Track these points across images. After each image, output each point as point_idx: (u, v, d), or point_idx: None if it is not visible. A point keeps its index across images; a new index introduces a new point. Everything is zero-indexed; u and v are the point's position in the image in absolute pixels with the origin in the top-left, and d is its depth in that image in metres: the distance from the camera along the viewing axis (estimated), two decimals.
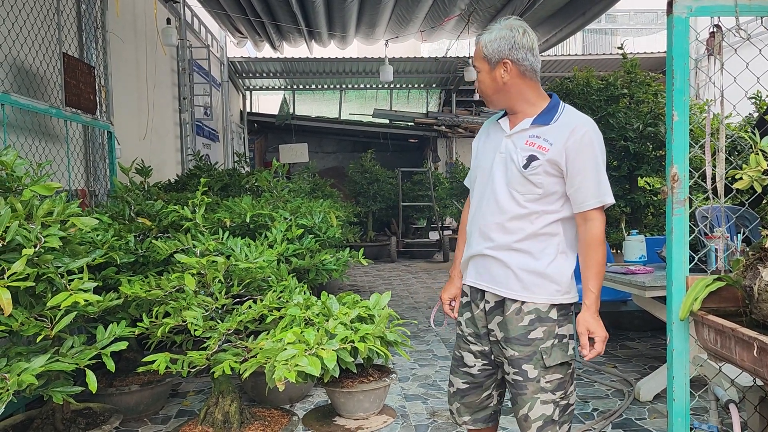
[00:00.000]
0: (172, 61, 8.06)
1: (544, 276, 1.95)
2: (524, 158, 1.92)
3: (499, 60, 1.93)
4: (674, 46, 2.11)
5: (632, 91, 5.56)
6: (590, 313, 1.92)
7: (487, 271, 2.00)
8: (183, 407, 3.73)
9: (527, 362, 1.94)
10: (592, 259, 1.94)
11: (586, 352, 1.90)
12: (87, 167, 5.05)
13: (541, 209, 1.95)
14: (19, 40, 4.09)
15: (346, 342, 1.98)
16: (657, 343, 4.88)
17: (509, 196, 1.96)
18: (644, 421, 3.28)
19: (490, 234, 1.99)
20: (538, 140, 1.93)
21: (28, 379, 2.00)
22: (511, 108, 2.01)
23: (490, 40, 1.93)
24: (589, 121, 1.97)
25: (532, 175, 1.91)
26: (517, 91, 1.97)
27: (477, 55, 1.98)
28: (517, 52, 1.93)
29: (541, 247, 1.96)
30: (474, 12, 8.78)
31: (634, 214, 5.69)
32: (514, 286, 1.95)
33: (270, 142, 15.49)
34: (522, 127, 1.97)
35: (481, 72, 1.98)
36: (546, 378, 1.95)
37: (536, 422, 1.95)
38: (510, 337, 1.95)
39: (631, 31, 15.97)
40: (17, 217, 2.12)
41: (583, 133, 1.91)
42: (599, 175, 1.92)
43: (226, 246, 3.01)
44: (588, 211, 1.92)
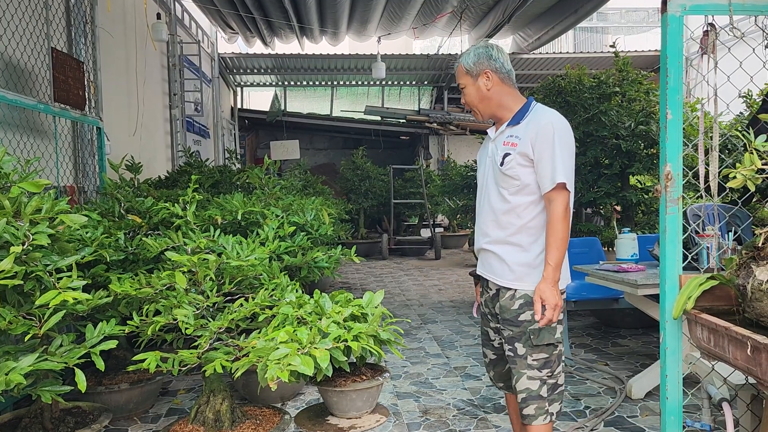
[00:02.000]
0: (162, 56, 7.99)
1: (534, 267, 2.18)
2: (501, 156, 2.17)
3: (481, 71, 2.20)
4: (668, 45, 2.10)
5: (624, 90, 5.57)
6: (546, 283, 2.07)
7: (487, 263, 2.28)
8: (173, 406, 3.70)
9: (518, 341, 2.18)
10: (551, 235, 2.10)
11: (537, 317, 2.07)
12: (76, 164, 4.99)
13: (524, 201, 2.16)
14: (6, 35, 4.03)
15: (339, 341, 1.97)
16: (648, 341, 4.90)
17: (497, 194, 2.21)
18: (636, 419, 3.29)
19: (487, 230, 2.25)
20: (512, 138, 2.18)
21: (16, 378, 1.97)
22: (495, 115, 2.27)
23: (470, 57, 2.22)
24: (553, 114, 2.19)
25: (508, 170, 2.14)
26: (498, 99, 2.23)
27: (460, 74, 2.25)
28: (495, 62, 2.21)
29: (531, 240, 2.18)
30: (466, 9, 8.77)
31: (625, 212, 5.71)
32: (508, 276, 2.20)
33: (261, 139, 15.43)
34: (501, 131, 2.24)
35: (467, 86, 2.24)
36: (533, 356, 2.17)
37: (521, 393, 2.19)
38: (505, 318, 2.21)
39: (622, 29, 16.02)
40: (5, 215, 2.09)
41: (545, 123, 2.13)
42: (555, 159, 2.10)
43: (217, 244, 2.98)
44: (548, 193, 2.11)
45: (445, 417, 3.40)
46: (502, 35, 10.60)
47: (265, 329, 2.24)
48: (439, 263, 10.48)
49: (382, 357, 2.13)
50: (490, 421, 3.32)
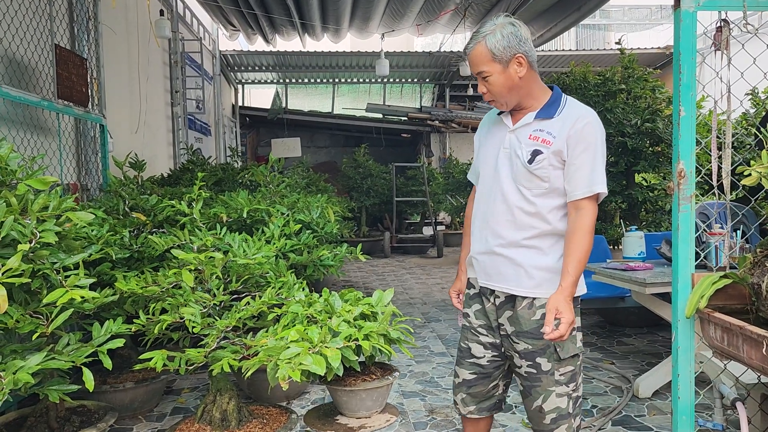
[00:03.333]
0: (164, 53, 7.96)
1: (555, 272, 1.96)
2: (528, 153, 1.93)
3: (512, 56, 1.91)
4: (681, 41, 2.08)
5: (630, 87, 5.55)
6: (564, 296, 1.87)
7: (496, 270, 2.01)
8: (178, 404, 3.68)
9: (540, 355, 1.97)
10: (577, 245, 1.91)
11: (548, 330, 1.83)
12: (79, 161, 4.97)
13: (550, 204, 1.95)
14: (10, 31, 4.01)
15: (350, 340, 1.95)
16: (654, 340, 4.88)
17: (517, 192, 1.96)
18: (644, 418, 3.28)
19: (500, 231, 1.99)
20: (542, 134, 1.93)
21: (24, 377, 1.95)
22: (521, 103, 1.99)
23: (497, 40, 1.89)
24: (591, 112, 1.97)
25: (537, 170, 1.91)
26: (528, 87, 1.96)
27: (483, 60, 1.92)
28: (526, 44, 1.93)
29: (550, 243, 1.98)
30: (469, 6, 8.74)
31: (630, 210, 5.69)
32: (526, 283, 1.97)
33: (262, 137, 15.40)
34: (525, 122, 1.97)
35: (492, 74, 1.92)
36: (560, 371, 1.98)
37: (550, 414, 1.99)
38: (522, 331, 1.98)
39: (624, 26, 15.98)
40: (12, 212, 2.07)
41: (585, 123, 1.91)
42: (595, 165, 1.92)
43: (223, 242, 2.97)
44: (579, 200, 1.92)
45: (452, 416, 3.38)
46: None
47: (274, 328, 2.22)
48: (441, 261, 10.47)
49: (393, 356, 2.10)
50: (496, 420, 3.31)
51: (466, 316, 2.15)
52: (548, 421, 2.00)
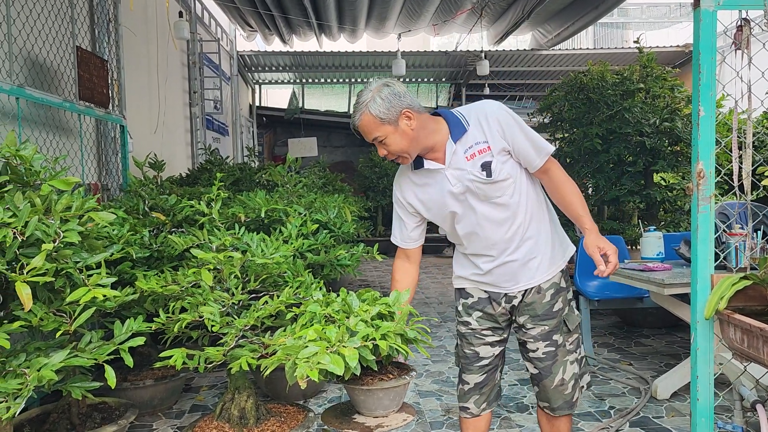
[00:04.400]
0: (182, 54, 8.04)
1: (554, 246, 2.14)
2: (480, 170, 1.98)
3: (398, 114, 1.95)
4: (701, 40, 2.06)
5: (648, 86, 5.50)
6: (595, 233, 2.02)
7: (509, 275, 2.11)
8: (196, 402, 3.73)
9: (556, 332, 2.13)
10: (570, 192, 2.07)
11: (603, 268, 1.95)
12: (99, 161, 5.04)
13: (522, 193, 2.05)
14: (33, 34, 4.08)
15: (367, 339, 1.96)
16: (672, 341, 4.84)
17: (496, 207, 2.04)
18: (662, 420, 3.25)
19: (503, 246, 2.08)
20: (474, 147, 2.00)
21: (48, 374, 1.99)
22: (426, 147, 2.03)
23: (379, 105, 1.94)
24: (486, 103, 2.07)
25: (499, 174, 1.99)
26: (424, 130, 2.00)
27: (373, 127, 1.96)
28: (406, 98, 1.98)
29: (537, 226, 2.10)
30: (486, 5, 8.72)
31: (649, 210, 5.64)
32: (536, 273, 2.11)
33: (279, 136, 15.47)
34: (451, 151, 2.01)
35: (387, 137, 1.97)
36: (569, 341, 2.16)
37: (570, 381, 2.15)
38: (536, 315, 2.12)
39: (643, 24, 15.82)
40: (36, 212, 2.11)
41: (492, 111, 2.01)
42: (529, 134, 2.02)
43: (241, 241, 2.99)
44: (543, 165, 2.04)
45: None
46: (521, 31, 10.53)
47: (292, 327, 2.23)
48: None
49: (410, 356, 2.11)
50: (513, 420, 3.30)
51: (466, 324, 2.21)
52: (569, 389, 2.16)
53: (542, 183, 2.14)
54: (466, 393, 2.23)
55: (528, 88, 13.94)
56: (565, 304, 2.15)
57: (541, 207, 2.12)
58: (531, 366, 2.21)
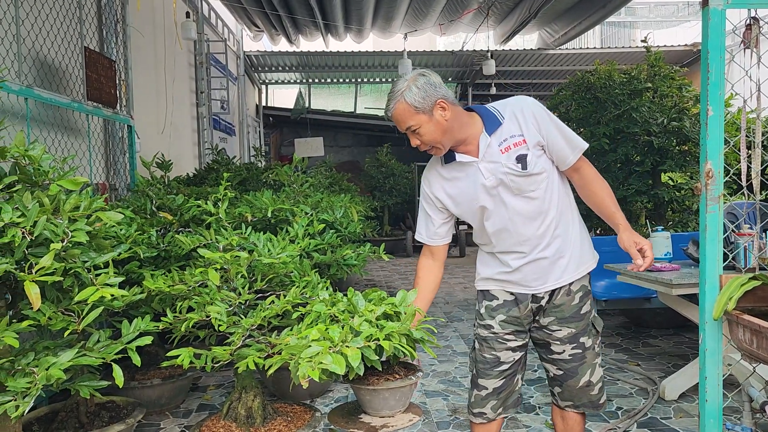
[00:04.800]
0: (189, 55, 8.07)
1: (583, 244, 2.13)
2: (515, 162, 1.98)
3: (433, 104, 1.96)
4: (710, 39, 2.05)
5: (656, 85, 5.47)
6: (629, 230, 2.01)
7: (538, 274, 2.08)
8: (204, 401, 3.74)
9: (583, 335, 2.12)
10: (603, 189, 2.08)
11: (641, 262, 1.95)
12: (107, 161, 5.07)
13: (553, 189, 2.05)
14: (42, 35, 4.10)
15: (371, 340, 1.96)
16: (680, 341, 4.81)
17: (529, 202, 2.02)
18: (670, 421, 3.24)
19: (535, 242, 2.06)
20: (509, 140, 1.99)
21: (56, 373, 2.00)
22: (459, 140, 2.03)
23: (415, 93, 1.95)
24: (521, 98, 2.08)
25: (534, 168, 1.98)
26: (458, 122, 2.00)
27: (407, 116, 1.97)
28: (441, 89, 1.98)
29: (567, 223, 2.09)
30: (493, 5, 8.71)
31: (657, 209, 5.61)
32: (566, 271, 2.08)
33: (285, 136, 15.49)
34: (485, 145, 2.01)
35: (421, 126, 1.97)
36: (597, 343, 2.17)
37: (598, 384, 2.16)
38: (564, 317, 2.11)
39: (650, 23, 15.75)
40: (45, 212, 2.12)
41: (527, 106, 2.02)
42: (563, 130, 2.03)
43: (248, 241, 3.00)
44: (574, 163, 2.05)
45: None
46: (528, 31, 10.51)
47: (298, 327, 2.24)
48: (463, 261, 10.44)
49: (415, 357, 2.12)
50: (519, 421, 3.30)
51: (489, 328, 2.15)
52: (596, 391, 2.15)
53: (573, 182, 2.13)
54: (483, 398, 2.16)
55: (534, 88, 13.90)
56: (592, 307, 2.15)
57: (570, 206, 2.12)
58: (553, 368, 2.18)
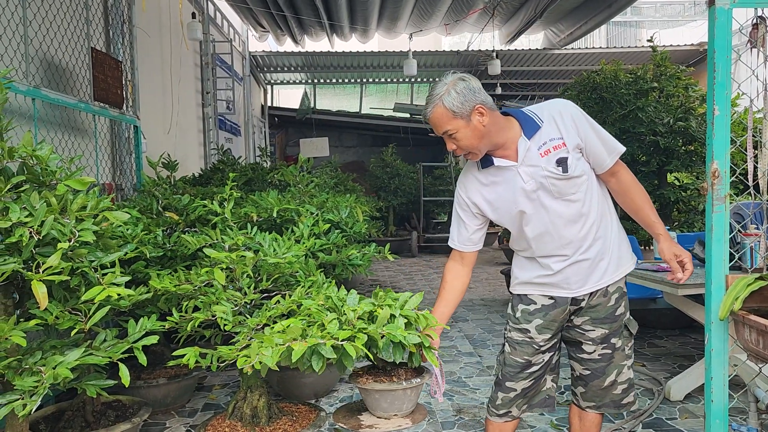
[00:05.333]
0: (195, 55, 8.09)
1: (621, 246, 2.13)
2: (555, 165, 1.97)
3: (472, 109, 1.94)
4: (716, 39, 2.05)
5: (662, 85, 5.45)
6: (671, 240, 2.03)
7: (579, 276, 2.07)
8: (209, 401, 3.75)
9: (615, 336, 2.12)
10: (641, 197, 2.08)
11: (681, 275, 1.97)
12: (114, 161, 5.09)
13: (592, 192, 2.04)
14: (49, 36, 4.12)
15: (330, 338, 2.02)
16: (685, 342, 4.80)
17: (569, 205, 2.01)
18: (675, 421, 3.23)
19: (578, 245, 2.05)
20: (549, 144, 1.98)
21: (63, 372, 2.01)
22: (497, 144, 2.02)
23: (453, 98, 1.94)
24: (558, 101, 2.09)
25: (575, 171, 1.97)
26: (496, 127, 1.99)
27: (445, 120, 1.96)
28: (480, 94, 1.97)
29: (607, 226, 2.08)
30: (498, 5, 8.70)
31: (663, 210, 5.59)
32: (605, 273, 2.08)
33: (291, 137, 15.53)
34: (524, 148, 1.99)
35: (458, 131, 1.96)
36: (628, 345, 2.16)
37: (623, 384, 2.17)
38: (599, 318, 2.11)
39: (656, 23, 15.70)
40: (52, 212, 2.13)
41: (566, 109, 2.02)
42: (601, 133, 2.04)
43: (254, 241, 3.01)
44: (612, 167, 2.05)
45: (479, 416, 3.38)
46: (533, 31, 10.49)
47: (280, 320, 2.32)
48: None
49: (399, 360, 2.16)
50: (524, 421, 3.29)
51: (525, 332, 2.13)
52: (619, 390, 2.16)
53: (610, 187, 2.11)
54: (511, 400, 2.17)
55: (540, 88, 13.88)
56: (626, 309, 2.15)
57: (609, 208, 2.11)
58: (580, 367, 2.18)
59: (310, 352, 1.99)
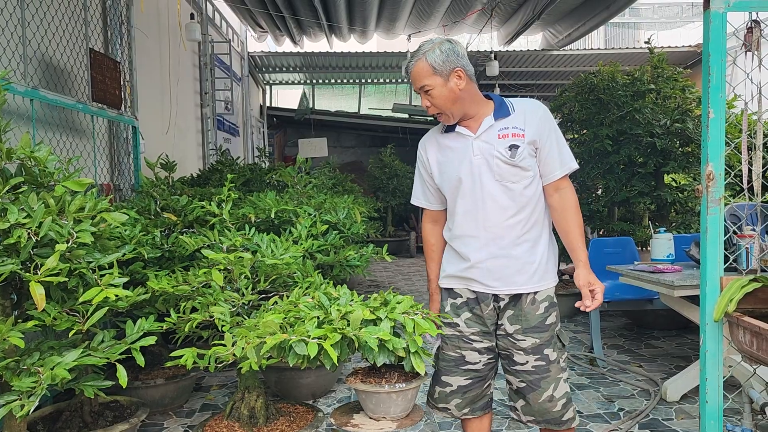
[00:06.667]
0: (194, 56, 8.10)
1: (546, 260, 2.11)
2: (506, 149, 2.02)
3: (451, 70, 2.02)
4: (711, 42, 2.06)
5: (659, 87, 5.47)
6: (588, 269, 2.04)
7: (500, 273, 2.07)
8: (206, 401, 3.76)
9: (548, 347, 2.09)
10: (575, 222, 2.08)
11: (589, 303, 2.00)
12: (112, 162, 5.09)
13: (536, 193, 2.07)
14: (47, 36, 4.13)
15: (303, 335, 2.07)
16: (682, 342, 4.81)
17: (505, 191, 2.04)
18: (671, 422, 3.24)
19: (500, 233, 2.06)
20: (510, 130, 2.04)
21: (61, 373, 2.02)
22: (468, 113, 2.09)
23: (437, 56, 2.01)
24: (535, 101, 2.14)
25: (521, 161, 2.02)
26: (470, 96, 2.07)
27: (424, 75, 2.03)
28: (463, 59, 2.04)
29: (538, 233, 2.10)
30: (496, 6, 8.71)
31: (659, 211, 5.61)
32: (530, 279, 2.07)
33: (289, 137, 15.53)
34: (487, 125, 2.07)
35: (434, 88, 2.03)
36: (562, 357, 2.13)
37: (561, 400, 2.11)
38: (529, 327, 2.08)
39: (654, 24, 15.73)
40: (50, 213, 2.14)
41: (543, 111, 2.09)
42: (561, 145, 2.09)
43: (252, 242, 3.01)
44: (558, 180, 2.08)
45: None
46: (531, 31, 10.50)
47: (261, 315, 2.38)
48: None
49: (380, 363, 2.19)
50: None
51: (454, 326, 2.18)
52: (559, 407, 2.11)
53: (550, 203, 2.12)
54: (447, 395, 2.22)
55: (538, 89, 13.90)
56: (557, 319, 2.14)
57: (544, 222, 2.13)
58: (516, 380, 2.15)
59: (288, 347, 2.06)
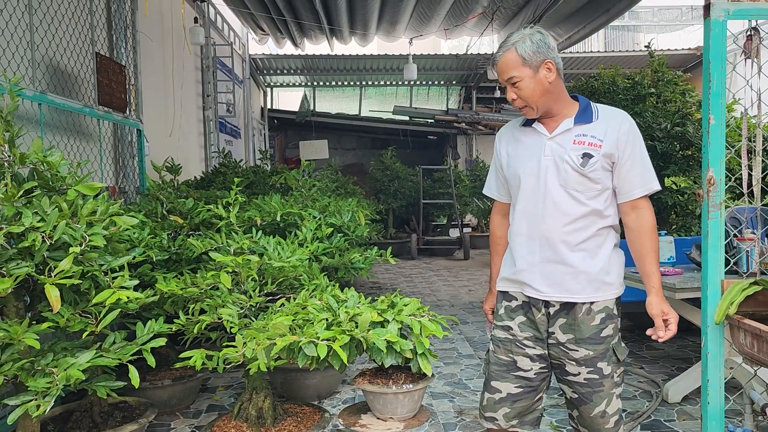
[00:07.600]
0: (196, 59, 8.14)
1: (606, 272, 1.99)
2: (578, 157, 1.94)
3: (541, 62, 1.94)
4: (711, 50, 2.10)
5: (660, 90, 5.51)
6: (661, 297, 1.95)
7: (553, 279, 1.99)
8: (213, 402, 3.79)
9: (602, 360, 1.99)
10: (649, 245, 1.98)
11: (662, 334, 1.92)
12: (117, 165, 5.13)
13: (601, 206, 1.97)
14: (55, 41, 4.17)
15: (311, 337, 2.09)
16: (683, 344, 4.85)
17: (569, 198, 1.96)
18: (673, 423, 3.28)
19: (556, 238, 1.98)
20: (587, 138, 1.96)
21: (75, 373, 2.06)
22: (551, 110, 2.01)
23: (527, 46, 1.94)
24: (627, 114, 2.04)
25: (591, 172, 1.93)
26: (558, 91, 2.00)
27: (512, 66, 1.96)
28: (553, 52, 1.97)
29: (598, 244, 1.99)
30: (497, 10, 8.76)
31: (660, 214, 5.65)
32: (585, 289, 1.97)
33: (290, 139, 15.57)
34: (565, 128, 1.99)
35: (522, 80, 1.95)
36: (617, 372, 2.01)
37: (614, 416, 2.02)
38: (583, 338, 1.98)
39: (654, 27, 15.78)
40: (63, 217, 2.18)
41: (629, 125, 1.99)
42: (645, 163, 1.99)
43: (258, 245, 3.06)
44: (636, 200, 1.98)
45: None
46: None
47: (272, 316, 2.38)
48: (468, 263, 10.48)
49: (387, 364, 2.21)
50: None
51: (507, 329, 2.09)
52: (612, 424, 2.02)
53: (625, 222, 2.02)
54: (496, 402, 2.07)
55: None
56: (615, 333, 2.02)
57: (611, 233, 2.03)
58: (568, 390, 2.06)
59: (298, 348, 2.07)
